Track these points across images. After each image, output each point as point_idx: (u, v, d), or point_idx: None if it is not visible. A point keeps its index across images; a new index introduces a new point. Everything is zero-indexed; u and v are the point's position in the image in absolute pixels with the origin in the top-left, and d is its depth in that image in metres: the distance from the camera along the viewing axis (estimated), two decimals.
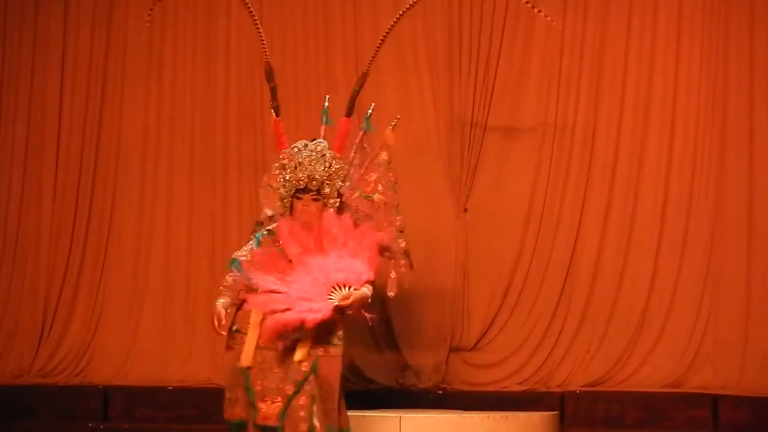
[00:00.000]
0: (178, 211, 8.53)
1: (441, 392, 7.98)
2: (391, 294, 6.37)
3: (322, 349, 5.88)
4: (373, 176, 6.33)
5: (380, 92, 8.33)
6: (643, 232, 7.96)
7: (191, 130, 8.57)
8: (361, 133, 6.46)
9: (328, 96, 6.62)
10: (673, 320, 7.87)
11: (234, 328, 5.93)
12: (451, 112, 8.22)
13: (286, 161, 6.01)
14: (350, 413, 6.80)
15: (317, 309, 5.76)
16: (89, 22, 8.70)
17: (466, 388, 8.00)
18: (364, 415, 6.87)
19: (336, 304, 5.77)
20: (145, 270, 8.50)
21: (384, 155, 6.41)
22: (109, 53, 8.70)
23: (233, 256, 6.07)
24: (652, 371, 7.85)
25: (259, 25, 6.67)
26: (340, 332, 5.96)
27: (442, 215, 8.18)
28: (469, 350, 8.11)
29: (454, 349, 8.10)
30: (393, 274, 6.29)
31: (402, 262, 6.33)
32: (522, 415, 7.05)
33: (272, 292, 5.79)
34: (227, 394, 5.96)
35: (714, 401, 7.64)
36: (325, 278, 5.80)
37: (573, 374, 7.92)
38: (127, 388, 8.30)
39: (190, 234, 8.50)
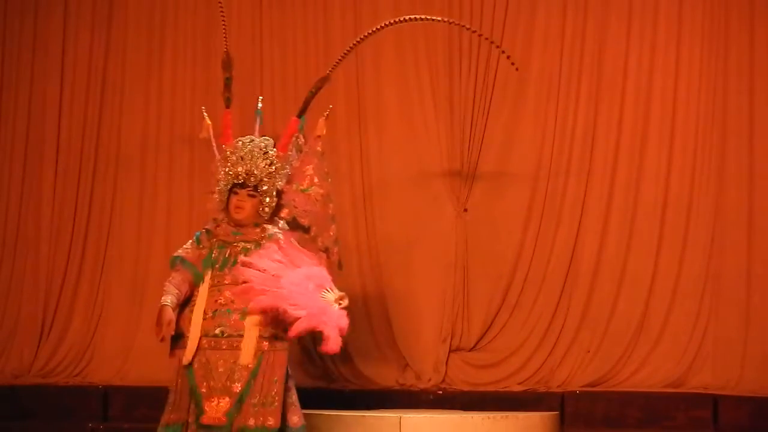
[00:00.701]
0: (178, 211, 8.53)
1: (441, 392, 7.97)
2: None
3: (267, 343, 5.84)
4: (309, 168, 6.24)
5: (380, 92, 8.35)
6: (643, 232, 7.96)
7: (191, 130, 8.56)
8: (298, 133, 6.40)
9: (261, 97, 6.66)
10: (673, 320, 7.87)
11: (178, 331, 5.90)
12: (451, 112, 8.22)
13: (228, 154, 5.99)
14: (350, 413, 6.82)
15: (334, 320, 5.77)
16: (89, 23, 8.70)
17: (466, 388, 7.99)
18: (364, 415, 6.88)
19: (340, 306, 5.77)
20: (145, 270, 8.49)
21: (318, 146, 6.32)
22: (109, 54, 8.71)
23: (174, 255, 6.07)
24: (652, 371, 7.85)
25: (224, 15, 6.65)
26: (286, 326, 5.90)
27: (442, 215, 8.18)
28: (469, 350, 8.11)
29: (454, 349, 8.10)
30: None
31: (335, 249, 6.27)
32: (522, 415, 7.05)
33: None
34: (170, 399, 5.92)
35: (714, 401, 7.63)
36: (308, 284, 5.79)
37: (573, 374, 7.92)
38: (126, 388, 8.30)
39: (190, 234, 8.40)
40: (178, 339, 5.93)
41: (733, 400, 7.60)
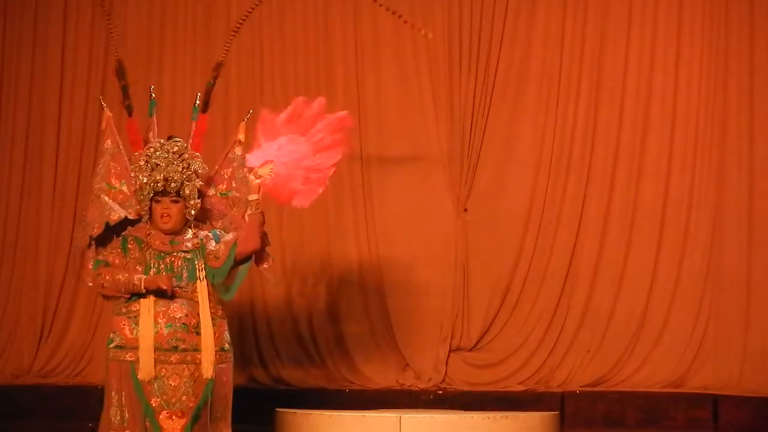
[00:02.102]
0: None
1: (441, 392, 7.97)
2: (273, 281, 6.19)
3: (216, 356, 5.75)
4: (227, 172, 6.07)
5: (380, 92, 8.35)
6: (643, 232, 7.96)
7: (191, 131, 8.55)
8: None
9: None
10: (673, 320, 7.87)
11: (114, 344, 5.74)
12: (451, 112, 8.21)
13: (143, 163, 5.79)
14: (350, 413, 6.83)
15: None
16: (89, 22, 8.70)
17: (466, 388, 8.00)
18: (364, 415, 6.87)
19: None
20: None
21: (238, 150, 6.11)
22: (109, 54, 8.69)
23: (98, 259, 5.82)
24: (652, 371, 7.85)
25: (110, 18, 6.50)
26: (228, 336, 5.84)
27: (442, 215, 8.18)
28: (469, 350, 8.11)
29: (454, 349, 8.10)
30: (266, 266, 6.02)
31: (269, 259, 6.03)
32: (522, 415, 7.04)
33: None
34: (111, 416, 5.75)
35: (714, 401, 7.64)
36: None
37: (573, 374, 7.92)
38: None
39: None
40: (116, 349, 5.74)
41: (733, 400, 7.60)
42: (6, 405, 8.08)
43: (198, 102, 6.29)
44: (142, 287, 5.71)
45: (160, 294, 5.72)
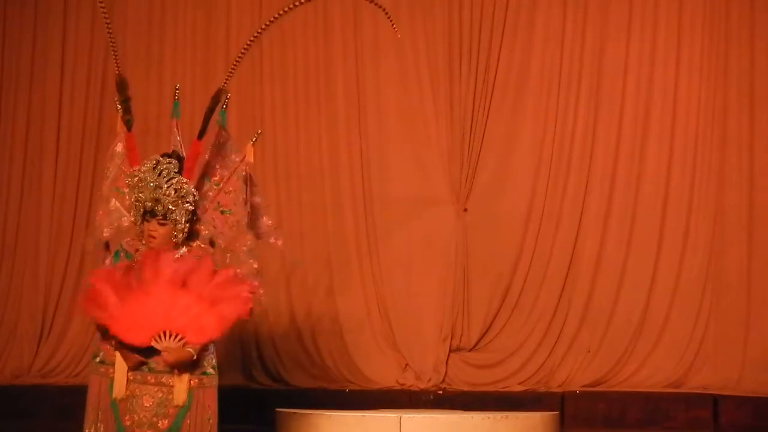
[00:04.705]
0: None
1: (441, 392, 7.98)
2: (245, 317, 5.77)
3: (196, 379, 5.63)
4: (231, 190, 5.96)
5: (380, 92, 8.35)
6: (643, 232, 7.96)
7: (191, 131, 8.54)
8: (221, 138, 6.07)
9: (178, 85, 6.23)
10: (673, 320, 7.87)
11: (98, 359, 5.70)
12: (451, 112, 8.22)
13: (136, 181, 5.70)
14: (350, 413, 6.80)
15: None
16: (89, 22, 8.70)
17: (466, 388, 7.99)
18: (364, 415, 6.87)
19: (157, 346, 5.43)
20: None
21: (244, 171, 5.99)
22: (109, 54, 8.68)
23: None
24: (652, 371, 7.85)
25: (112, 32, 6.10)
26: (214, 361, 5.70)
27: (442, 215, 8.18)
28: (469, 350, 8.11)
29: (454, 349, 8.10)
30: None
31: (255, 283, 5.76)
32: (522, 415, 7.04)
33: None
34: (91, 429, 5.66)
35: (714, 401, 7.64)
36: (164, 316, 5.43)
37: (573, 374, 7.92)
38: None
39: None
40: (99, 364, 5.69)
41: (733, 400, 7.60)
42: (6, 405, 8.08)
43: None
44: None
45: None
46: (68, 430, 7.98)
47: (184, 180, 5.74)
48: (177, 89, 6.07)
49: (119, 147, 6.00)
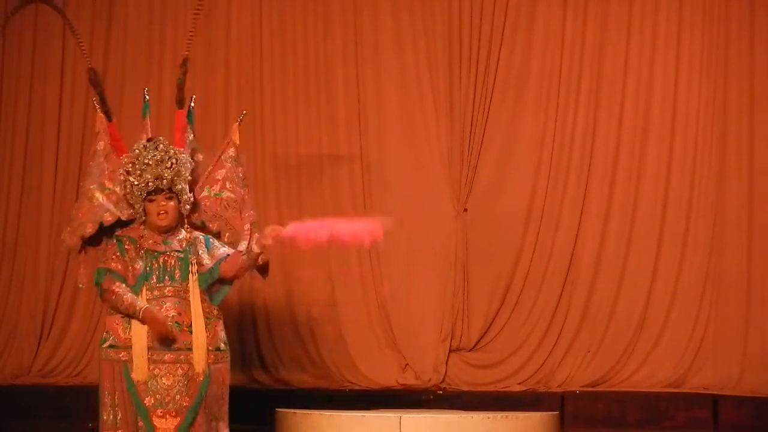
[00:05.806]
0: None
1: (441, 392, 7.98)
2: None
3: (213, 355, 5.76)
4: (221, 173, 6.11)
5: (381, 92, 8.35)
6: (643, 232, 7.97)
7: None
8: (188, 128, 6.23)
9: (146, 88, 6.42)
10: (673, 320, 7.87)
11: (107, 344, 5.78)
12: (451, 111, 8.22)
13: (132, 166, 5.81)
14: (350, 413, 6.82)
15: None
16: (89, 22, 8.69)
17: (466, 388, 8.00)
18: (364, 415, 6.87)
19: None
20: None
21: (231, 151, 6.18)
22: (109, 54, 8.70)
23: (100, 267, 5.88)
24: (652, 371, 7.85)
25: (75, 29, 6.51)
26: (224, 336, 5.84)
27: (442, 215, 8.18)
28: (469, 350, 8.11)
29: (454, 349, 8.10)
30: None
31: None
32: (522, 415, 7.05)
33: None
34: (104, 416, 5.78)
35: (714, 401, 7.64)
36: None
37: (573, 374, 7.92)
38: None
39: None
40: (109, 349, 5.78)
41: (733, 400, 7.61)
42: (6, 405, 8.08)
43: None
44: (140, 317, 5.71)
45: (155, 288, 5.78)
46: (68, 430, 8.02)
47: (179, 149, 5.91)
48: (146, 91, 6.30)
49: (101, 145, 6.10)
